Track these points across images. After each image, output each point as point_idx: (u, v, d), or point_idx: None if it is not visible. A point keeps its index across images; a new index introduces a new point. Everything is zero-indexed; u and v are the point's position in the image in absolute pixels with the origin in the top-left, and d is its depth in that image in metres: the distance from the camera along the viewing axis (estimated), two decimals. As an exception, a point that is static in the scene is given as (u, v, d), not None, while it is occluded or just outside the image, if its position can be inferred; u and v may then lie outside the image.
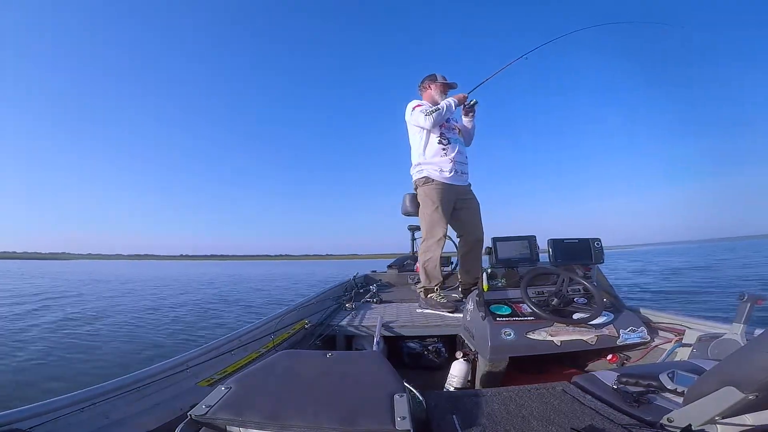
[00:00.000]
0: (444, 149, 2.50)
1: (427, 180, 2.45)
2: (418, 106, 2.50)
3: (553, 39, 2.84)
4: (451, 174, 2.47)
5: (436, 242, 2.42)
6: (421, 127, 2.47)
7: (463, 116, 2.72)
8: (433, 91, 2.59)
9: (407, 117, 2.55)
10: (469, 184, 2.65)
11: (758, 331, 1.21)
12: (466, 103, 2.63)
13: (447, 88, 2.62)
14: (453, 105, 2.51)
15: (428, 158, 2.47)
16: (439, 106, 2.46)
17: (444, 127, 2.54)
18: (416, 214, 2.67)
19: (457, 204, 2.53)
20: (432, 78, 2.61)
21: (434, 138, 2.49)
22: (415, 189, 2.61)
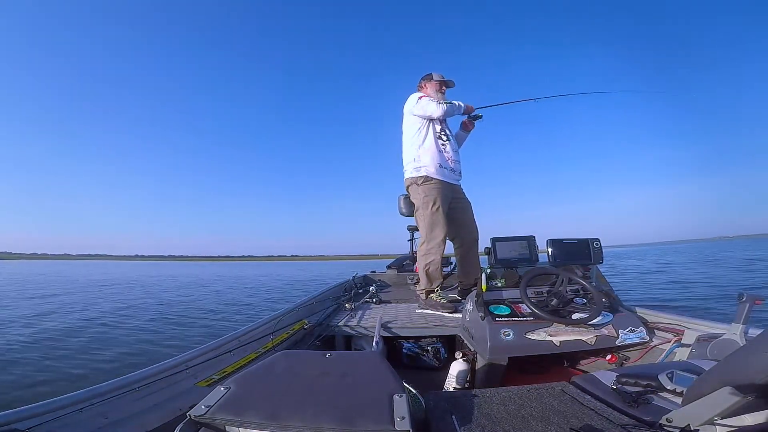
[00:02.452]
0: (443, 144, 2.49)
1: (426, 179, 2.40)
2: (426, 96, 2.47)
3: (582, 93, 3.03)
4: (449, 172, 2.47)
5: (437, 245, 2.37)
6: (428, 117, 2.43)
7: (462, 128, 2.77)
8: (430, 90, 2.57)
9: (409, 107, 2.49)
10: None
11: (757, 332, 1.21)
12: (471, 114, 2.66)
13: (443, 85, 2.60)
14: (462, 108, 2.54)
15: (426, 154, 2.43)
16: (452, 101, 2.47)
17: (443, 123, 2.54)
18: (411, 215, 2.63)
19: (453, 204, 2.51)
20: (428, 77, 2.60)
21: (433, 133, 2.46)
22: (408, 188, 2.55)
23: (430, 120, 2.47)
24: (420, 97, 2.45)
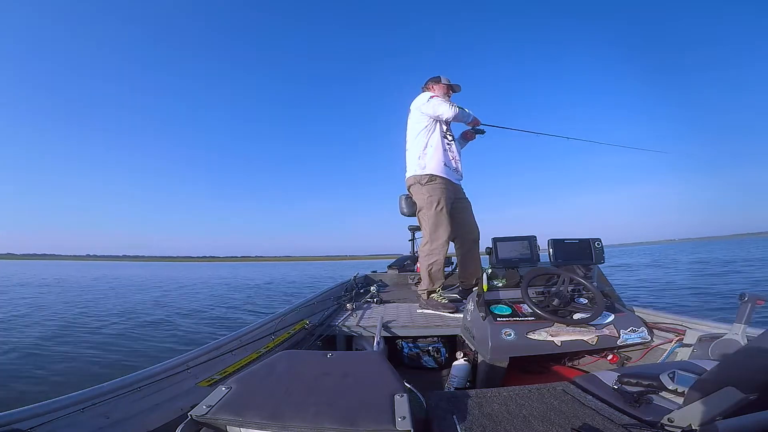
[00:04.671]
0: (449, 144, 2.51)
1: (431, 178, 2.40)
2: (437, 96, 2.48)
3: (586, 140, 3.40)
4: (453, 171, 2.49)
5: (440, 245, 2.37)
6: (437, 117, 2.44)
7: (462, 136, 2.80)
8: (437, 92, 2.57)
9: (418, 104, 2.48)
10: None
11: (758, 332, 1.21)
12: (476, 127, 2.69)
13: (450, 90, 2.62)
14: (471, 117, 2.58)
15: (432, 152, 2.44)
16: (464, 108, 2.50)
17: (448, 124, 2.56)
18: (413, 215, 2.64)
19: (454, 203, 2.51)
20: (436, 80, 2.60)
21: (440, 132, 2.48)
22: (410, 187, 2.54)
23: (437, 120, 2.48)
24: (432, 96, 2.46)
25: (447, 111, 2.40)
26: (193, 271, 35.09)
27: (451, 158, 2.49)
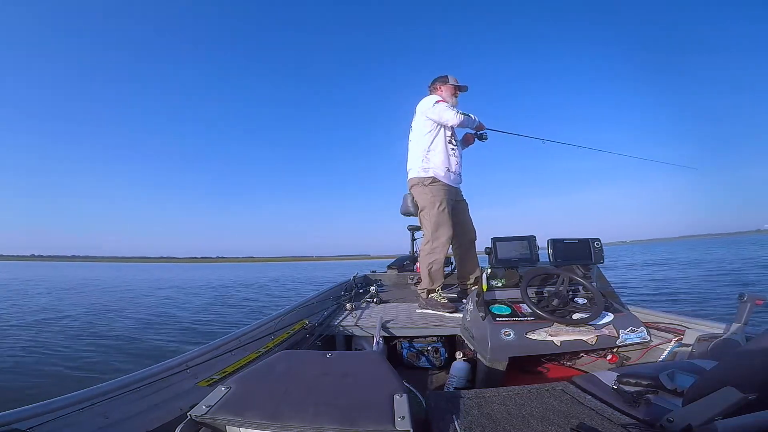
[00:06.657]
0: (453, 149, 2.51)
1: (434, 180, 2.41)
2: (443, 101, 2.45)
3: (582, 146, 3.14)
4: (455, 176, 2.49)
5: (441, 244, 2.38)
6: (442, 123, 2.43)
7: (462, 140, 2.77)
8: (444, 93, 2.55)
9: (424, 108, 2.47)
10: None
11: (758, 331, 1.21)
12: (479, 132, 2.68)
13: (458, 90, 2.60)
14: (476, 123, 2.56)
15: (435, 156, 2.44)
16: (470, 114, 2.48)
17: (453, 129, 2.55)
18: (416, 214, 2.64)
19: (453, 205, 2.52)
20: (443, 80, 2.58)
21: (445, 138, 2.47)
22: (412, 188, 2.54)
23: (442, 125, 2.47)
24: (437, 101, 2.43)
25: (452, 119, 2.38)
26: (141, 273, 32.29)
27: (455, 163, 2.50)
